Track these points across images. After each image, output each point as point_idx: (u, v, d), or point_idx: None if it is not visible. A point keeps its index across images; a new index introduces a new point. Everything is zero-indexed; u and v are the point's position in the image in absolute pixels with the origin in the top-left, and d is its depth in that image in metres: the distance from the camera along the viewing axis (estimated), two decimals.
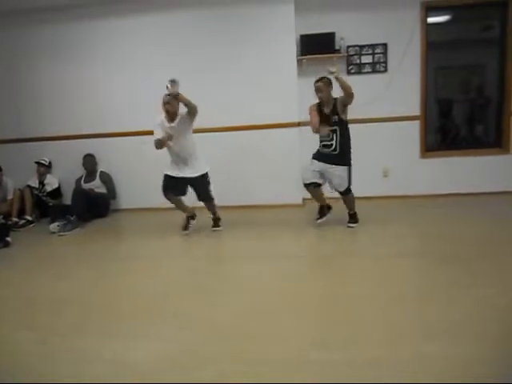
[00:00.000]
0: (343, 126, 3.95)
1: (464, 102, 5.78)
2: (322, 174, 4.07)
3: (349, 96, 3.76)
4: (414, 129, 5.32)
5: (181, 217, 4.37)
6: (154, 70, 5.30)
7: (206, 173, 4.21)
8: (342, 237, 3.97)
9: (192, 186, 4.22)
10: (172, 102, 3.94)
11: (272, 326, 2.28)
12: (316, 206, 4.32)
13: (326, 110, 3.95)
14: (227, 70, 5.23)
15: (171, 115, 4.01)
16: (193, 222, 4.36)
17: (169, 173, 4.15)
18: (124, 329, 2.36)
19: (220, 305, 2.60)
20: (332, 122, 3.90)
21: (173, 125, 3.99)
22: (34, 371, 1.98)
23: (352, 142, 4.04)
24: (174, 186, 4.16)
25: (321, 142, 4.08)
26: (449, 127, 5.81)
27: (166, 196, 4.19)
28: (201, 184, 4.19)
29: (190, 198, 4.35)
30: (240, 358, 1.98)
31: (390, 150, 5.35)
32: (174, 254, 3.83)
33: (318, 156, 4.09)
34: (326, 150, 4.01)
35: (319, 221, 4.23)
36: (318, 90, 3.92)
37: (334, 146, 3.96)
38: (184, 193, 4.27)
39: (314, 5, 5.15)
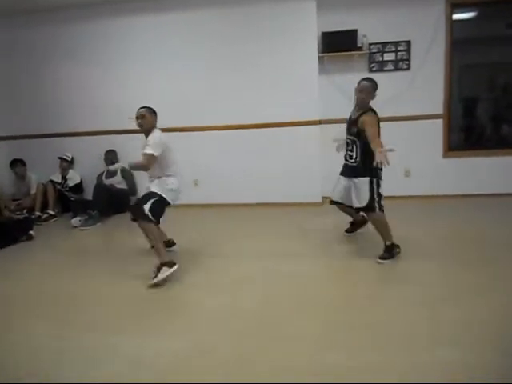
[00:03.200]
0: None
1: (489, 101, 5.63)
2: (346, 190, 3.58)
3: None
4: (436, 128, 5.23)
5: (196, 213, 4.37)
6: (174, 66, 5.35)
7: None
8: (360, 237, 3.91)
9: None
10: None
11: (286, 329, 2.26)
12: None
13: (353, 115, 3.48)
14: (248, 68, 5.23)
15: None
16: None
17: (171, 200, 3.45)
18: (141, 327, 2.37)
19: (234, 305, 2.60)
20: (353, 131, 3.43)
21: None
22: (48, 366, 2.00)
23: None
24: None
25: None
26: (473, 126, 5.68)
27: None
28: None
29: None
30: (252, 360, 1.97)
31: (412, 149, 5.26)
32: (192, 251, 3.84)
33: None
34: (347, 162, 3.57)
35: (346, 234, 3.98)
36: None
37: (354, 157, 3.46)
38: None
39: (337, 2, 5.09)
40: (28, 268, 3.52)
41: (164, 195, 3.33)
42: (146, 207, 3.19)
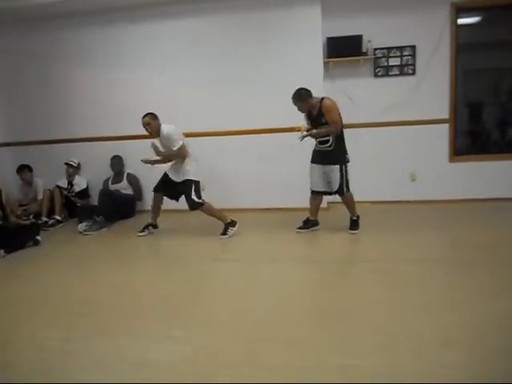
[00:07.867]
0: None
1: (495, 105, 5.61)
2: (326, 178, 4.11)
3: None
4: (442, 132, 5.22)
5: (206, 219, 4.38)
6: (182, 72, 5.38)
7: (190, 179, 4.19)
8: (367, 241, 3.90)
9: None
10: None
11: (291, 332, 2.25)
12: (341, 212, 4.27)
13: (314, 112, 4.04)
14: (253, 73, 5.24)
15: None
16: (151, 230, 4.58)
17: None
18: (147, 330, 2.38)
19: (240, 309, 2.59)
20: (322, 122, 3.97)
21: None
22: (56, 369, 2.01)
23: (379, 145, 3.98)
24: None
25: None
26: (479, 131, 5.66)
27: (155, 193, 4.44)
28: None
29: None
30: (258, 363, 1.96)
31: (417, 154, 5.25)
32: (198, 255, 3.84)
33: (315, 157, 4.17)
34: (322, 146, 4.07)
35: (301, 231, 4.25)
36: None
37: (330, 142, 4.00)
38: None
39: (341, 7, 5.12)
40: (35, 272, 3.53)
41: (193, 177, 4.08)
42: (195, 197, 4.03)
